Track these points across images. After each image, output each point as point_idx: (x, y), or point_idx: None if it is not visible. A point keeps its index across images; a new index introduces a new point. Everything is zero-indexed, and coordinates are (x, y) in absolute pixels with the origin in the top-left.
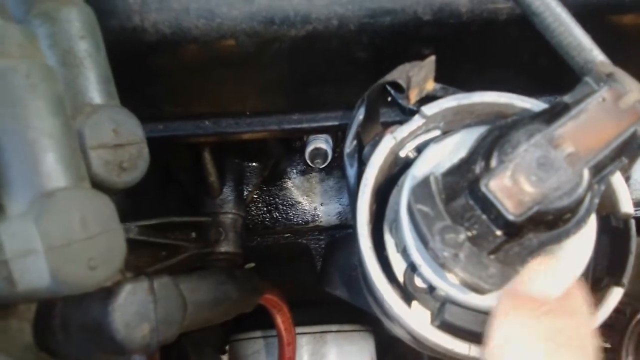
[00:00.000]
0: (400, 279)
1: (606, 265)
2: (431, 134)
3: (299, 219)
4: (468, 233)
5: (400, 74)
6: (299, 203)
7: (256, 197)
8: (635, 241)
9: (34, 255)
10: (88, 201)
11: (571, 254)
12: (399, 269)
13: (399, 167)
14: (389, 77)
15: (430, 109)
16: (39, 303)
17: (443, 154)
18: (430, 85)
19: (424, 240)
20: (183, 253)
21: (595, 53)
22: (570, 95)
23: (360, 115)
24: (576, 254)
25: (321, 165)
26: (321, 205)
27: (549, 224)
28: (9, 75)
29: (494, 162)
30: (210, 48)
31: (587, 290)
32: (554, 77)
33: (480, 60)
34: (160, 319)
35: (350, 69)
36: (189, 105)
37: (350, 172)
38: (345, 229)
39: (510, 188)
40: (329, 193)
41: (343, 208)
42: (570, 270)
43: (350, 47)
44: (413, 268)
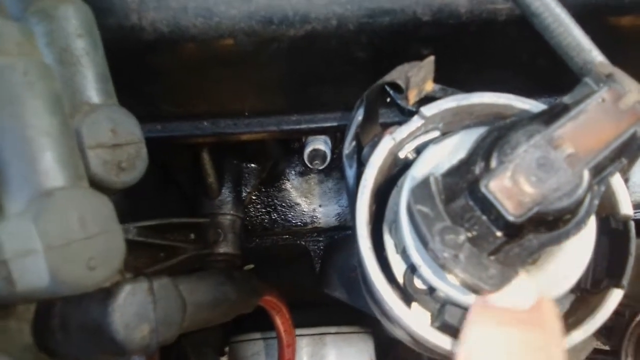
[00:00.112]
0: (399, 280)
1: (606, 266)
2: (430, 134)
3: (298, 221)
4: (468, 234)
5: (399, 75)
6: (298, 204)
7: (255, 199)
8: (634, 243)
9: (33, 255)
10: (86, 201)
11: (571, 255)
12: (399, 270)
13: (398, 168)
14: (388, 78)
15: (429, 110)
16: (38, 303)
17: (442, 155)
18: (430, 85)
19: (424, 241)
20: (182, 254)
21: (595, 54)
22: (569, 96)
23: (359, 116)
24: (576, 256)
25: (320, 167)
26: (320, 206)
27: (548, 225)
28: (6, 72)
29: (493, 163)
30: (209, 47)
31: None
32: (553, 78)
33: (479, 60)
34: (160, 320)
35: (349, 69)
36: (187, 104)
37: (349, 173)
38: (344, 230)
39: (510, 189)
40: (327, 194)
41: (342, 209)
42: (570, 271)
43: (349, 47)
44: (413, 269)
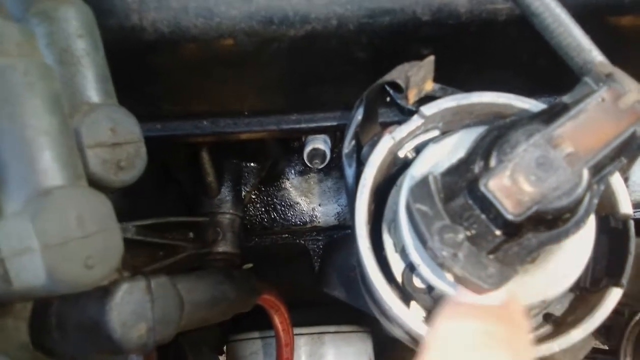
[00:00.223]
0: (398, 279)
1: (605, 265)
2: (430, 134)
3: (297, 220)
4: (467, 233)
5: (399, 74)
6: (297, 203)
7: (254, 198)
8: (634, 242)
9: (30, 253)
10: (85, 200)
11: (570, 254)
12: (398, 269)
13: (397, 167)
14: (388, 77)
15: (429, 109)
16: (35, 302)
17: (442, 154)
18: (429, 85)
19: (423, 240)
20: (181, 253)
21: (595, 53)
22: (569, 96)
23: (359, 115)
24: (575, 254)
25: (319, 166)
26: (319, 205)
27: (548, 223)
28: (6, 73)
29: (493, 162)
30: (209, 47)
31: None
32: (553, 78)
33: (479, 60)
34: (157, 319)
35: (349, 69)
36: (187, 104)
37: (349, 172)
38: (343, 230)
39: (510, 188)
40: (327, 194)
41: (341, 209)
42: (569, 270)
43: (349, 47)
44: (412, 268)
